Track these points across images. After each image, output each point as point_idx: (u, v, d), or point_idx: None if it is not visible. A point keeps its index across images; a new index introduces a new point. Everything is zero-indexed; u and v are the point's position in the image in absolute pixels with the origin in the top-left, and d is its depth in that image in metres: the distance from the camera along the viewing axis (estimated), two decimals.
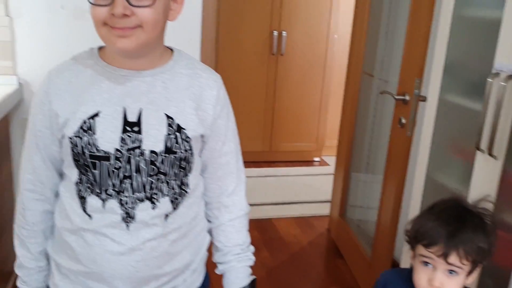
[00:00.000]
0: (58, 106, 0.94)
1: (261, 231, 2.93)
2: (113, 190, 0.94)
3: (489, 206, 1.07)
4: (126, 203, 0.94)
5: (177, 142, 0.95)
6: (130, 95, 0.94)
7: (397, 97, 1.88)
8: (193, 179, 1.01)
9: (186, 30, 2.23)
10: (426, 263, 1.01)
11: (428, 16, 1.73)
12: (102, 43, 0.97)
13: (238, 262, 1.10)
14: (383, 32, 2.41)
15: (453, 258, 0.97)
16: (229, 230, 1.10)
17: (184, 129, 0.96)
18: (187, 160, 0.98)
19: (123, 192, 0.94)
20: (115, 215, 0.94)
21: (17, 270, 1.07)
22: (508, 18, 1.32)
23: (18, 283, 1.07)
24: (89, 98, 0.93)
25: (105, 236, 0.95)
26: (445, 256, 0.97)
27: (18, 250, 1.06)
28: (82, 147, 0.92)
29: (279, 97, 4.05)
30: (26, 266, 1.05)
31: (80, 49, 2.15)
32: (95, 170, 0.93)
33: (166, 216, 0.98)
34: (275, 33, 3.85)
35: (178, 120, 0.95)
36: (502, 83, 1.30)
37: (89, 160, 0.92)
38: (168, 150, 0.94)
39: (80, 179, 0.96)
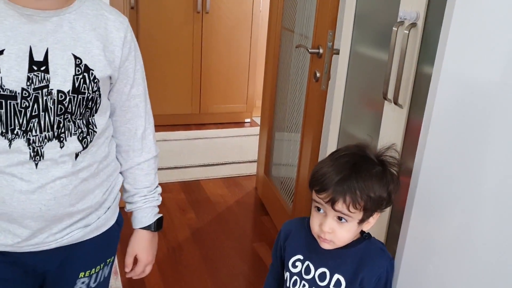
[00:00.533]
0: None
1: (188, 192, 2.90)
2: (20, 129, 0.93)
3: (395, 155, 1.07)
4: (34, 142, 0.94)
5: (84, 83, 0.96)
6: (36, 34, 0.92)
7: (311, 50, 1.86)
8: (100, 119, 1.03)
9: None
10: (318, 209, 1.01)
11: None
12: None
13: (145, 203, 1.16)
14: None
15: (340, 206, 0.97)
16: (138, 173, 1.15)
17: (92, 70, 0.97)
18: (94, 101, 0.99)
19: (31, 132, 0.94)
20: (22, 154, 0.94)
21: None
22: None
23: None
24: None
25: (13, 175, 0.94)
26: (332, 202, 0.97)
27: None
28: None
29: (207, 57, 3.96)
30: None
31: None
32: (1, 109, 0.91)
33: (76, 155, 0.99)
34: None
35: (85, 61, 0.96)
36: (405, 31, 1.31)
37: None
38: (76, 91, 0.95)
39: None
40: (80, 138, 1.00)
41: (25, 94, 0.92)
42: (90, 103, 0.99)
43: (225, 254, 2.33)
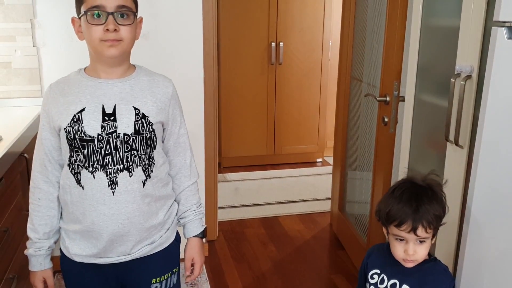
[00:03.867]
0: (53, 105, 1.29)
1: (268, 227, 3.17)
2: (98, 164, 1.26)
3: (437, 178, 1.29)
4: (110, 173, 1.26)
5: (143, 126, 1.29)
6: (106, 96, 1.28)
7: (379, 98, 2.10)
8: (157, 154, 1.35)
9: (189, 45, 2.49)
10: (400, 239, 1.25)
11: (401, 26, 1.96)
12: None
13: (195, 216, 1.46)
14: (369, 40, 2.64)
15: (420, 231, 1.21)
16: (188, 194, 1.45)
17: (147, 116, 1.29)
18: (151, 140, 1.31)
19: (107, 166, 1.26)
20: (102, 183, 1.26)
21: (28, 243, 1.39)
22: (464, 27, 1.53)
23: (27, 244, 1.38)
24: (76, 99, 1.27)
25: (97, 202, 1.26)
26: (414, 230, 1.21)
27: (28, 222, 1.38)
28: (73, 133, 1.25)
29: (280, 103, 4.29)
30: (28, 235, 1.37)
31: None
32: (84, 150, 1.26)
33: (143, 183, 1.30)
34: (273, 44, 4.11)
35: (142, 110, 1.29)
36: (462, 82, 1.51)
37: (79, 143, 1.25)
38: (137, 132, 1.28)
39: (74, 159, 1.28)
40: (144, 169, 1.30)
41: (100, 138, 1.25)
42: (149, 141, 1.30)
43: (305, 283, 2.54)
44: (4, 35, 2.18)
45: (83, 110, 1.26)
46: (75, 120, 1.25)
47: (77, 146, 1.26)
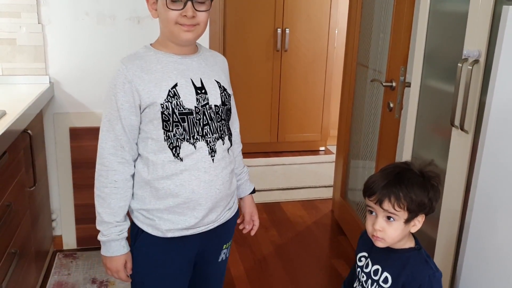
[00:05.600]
0: (139, 83, 1.26)
1: (270, 213, 3.18)
2: (198, 135, 1.30)
3: (435, 169, 1.26)
4: (209, 142, 1.32)
5: (226, 97, 1.38)
6: (189, 70, 1.32)
7: (385, 84, 2.10)
8: (230, 125, 1.44)
9: None
10: (370, 212, 1.23)
11: (409, 11, 1.94)
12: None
13: (247, 177, 1.58)
14: (375, 26, 2.62)
15: (386, 205, 1.18)
16: (239, 159, 1.54)
17: (226, 89, 1.39)
18: (230, 110, 1.41)
19: (207, 135, 1.31)
20: (203, 152, 1.30)
21: (98, 226, 1.33)
22: (473, 11, 1.52)
23: (99, 237, 1.33)
24: (165, 75, 1.28)
25: (199, 170, 1.30)
26: (380, 202, 1.18)
27: (99, 208, 1.32)
28: (172, 108, 1.27)
29: (284, 91, 4.29)
30: (105, 221, 1.31)
31: (102, 50, 2.44)
32: (184, 123, 1.29)
33: (228, 150, 1.38)
34: (279, 30, 4.09)
35: (222, 83, 1.38)
36: (469, 67, 1.51)
37: (178, 116, 1.28)
38: (223, 103, 1.36)
39: (173, 133, 1.28)
40: (228, 138, 1.39)
41: (197, 110, 1.30)
42: (229, 112, 1.40)
43: (306, 267, 2.56)
44: (9, 11, 2.17)
45: (176, 85, 1.28)
46: (171, 95, 1.27)
47: (176, 120, 1.28)
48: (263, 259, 2.63)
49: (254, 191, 1.60)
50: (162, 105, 1.26)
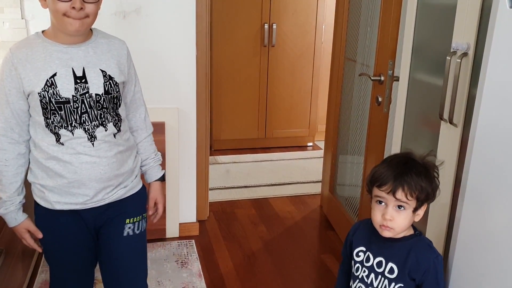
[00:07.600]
0: (22, 71, 1.33)
1: (258, 208, 3.16)
2: (76, 122, 1.37)
3: (434, 159, 1.29)
4: (88, 129, 1.38)
5: (111, 86, 1.41)
6: (73, 60, 1.37)
7: (373, 78, 2.09)
8: (121, 111, 1.49)
9: (181, 26, 2.45)
10: (380, 202, 1.23)
11: (397, 4, 1.94)
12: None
13: (154, 163, 1.65)
14: (363, 20, 2.62)
15: (400, 194, 1.19)
16: (145, 144, 1.62)
17: (113, 77, 1.42)
18: (118, 98, 1.45)
19: (85, 123, 1.38)
20: (82, 138, 1.38)
21: None
22: (461, 3, 1.51)
23: None
24: (46, 65, 1.34)
25: (79, 153, 1.38)
26: (393, 192, 1.19)
27: None
28: (48, 97, 1.33)
29: (272, 86, 4.27)
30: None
31: None
32: (61, 111, 1.35)
33: (114, 135, 1.44)
34: (266, 25, 4.07)
35: (108, 72, 1.41)
36: (458, 60, 1.51)
37: (55, 105, 1.34)
38: (106, 92, 1.41)
39: (51, 121, 1.36)
40: (114, 124, 1.44)
41: (75, 98, 1.35)
42: (115, 100, 1.44)
43: (295, 262, 2.55)
44: None
45: (54, 75, 1.33)
46: (48, 84, 1.33)
47: (53, 108, 1.34)
48: (252, 254, 2.62)
49: (163, 178, 1.66)
50: (40, 94, 1.33)
